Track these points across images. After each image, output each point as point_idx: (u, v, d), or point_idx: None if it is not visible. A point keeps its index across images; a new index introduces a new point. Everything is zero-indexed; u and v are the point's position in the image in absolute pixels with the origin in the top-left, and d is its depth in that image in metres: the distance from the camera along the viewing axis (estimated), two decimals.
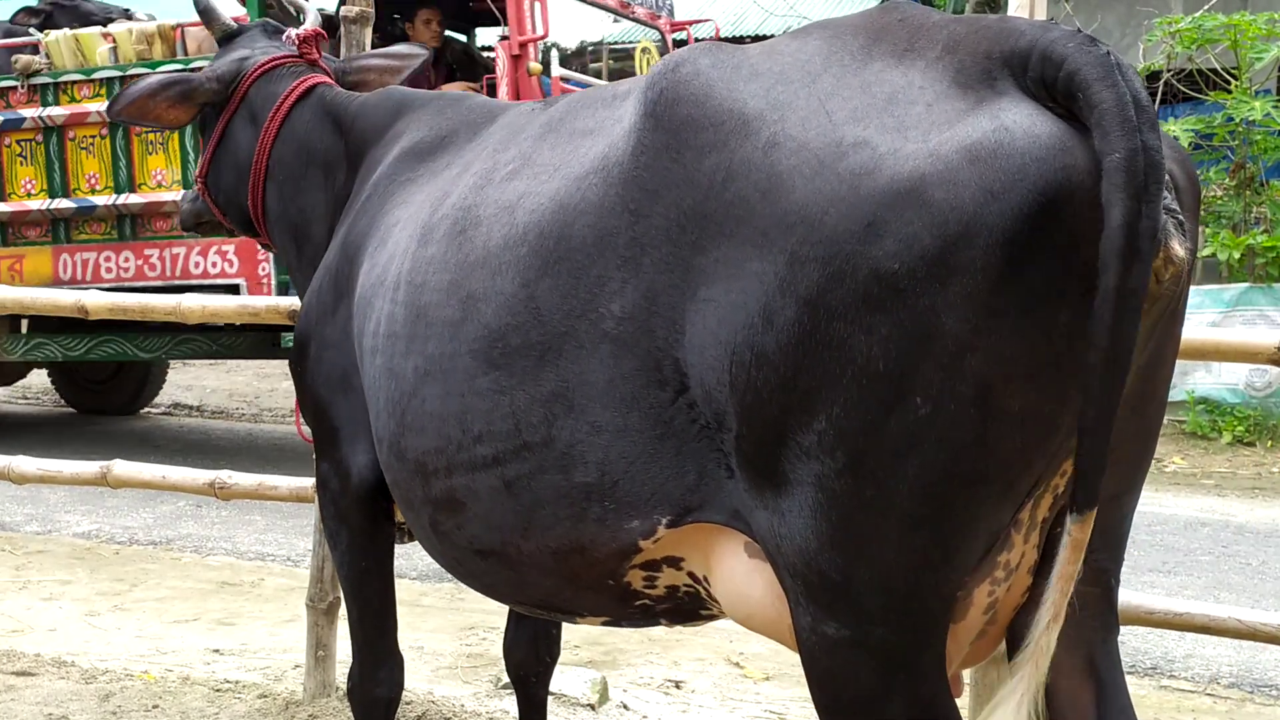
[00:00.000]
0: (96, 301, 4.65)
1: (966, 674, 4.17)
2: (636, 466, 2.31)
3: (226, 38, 3.89)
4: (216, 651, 5.50)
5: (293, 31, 3.85)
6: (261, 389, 12.69)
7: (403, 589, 5.30)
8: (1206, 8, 10.45)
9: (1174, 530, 7.77)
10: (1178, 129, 11.29)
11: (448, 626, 5.86)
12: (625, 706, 4.91)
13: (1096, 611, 2.29)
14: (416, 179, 3.11)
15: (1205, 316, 10.76)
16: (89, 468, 4.81)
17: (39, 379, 13.21)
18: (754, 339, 2.08)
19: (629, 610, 2.59)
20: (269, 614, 6.11)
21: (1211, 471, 9.73)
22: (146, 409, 11.89)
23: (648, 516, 2.34)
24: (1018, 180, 1.90)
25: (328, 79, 3.80)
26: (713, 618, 2.62)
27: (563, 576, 2.54)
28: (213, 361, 13.87)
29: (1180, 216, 1.94)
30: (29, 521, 7.94)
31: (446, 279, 2.61)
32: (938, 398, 1.97)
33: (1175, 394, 10.77)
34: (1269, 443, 10.33)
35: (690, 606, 2.56)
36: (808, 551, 2.11)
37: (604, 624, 2.73)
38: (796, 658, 5.70)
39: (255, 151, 3.66)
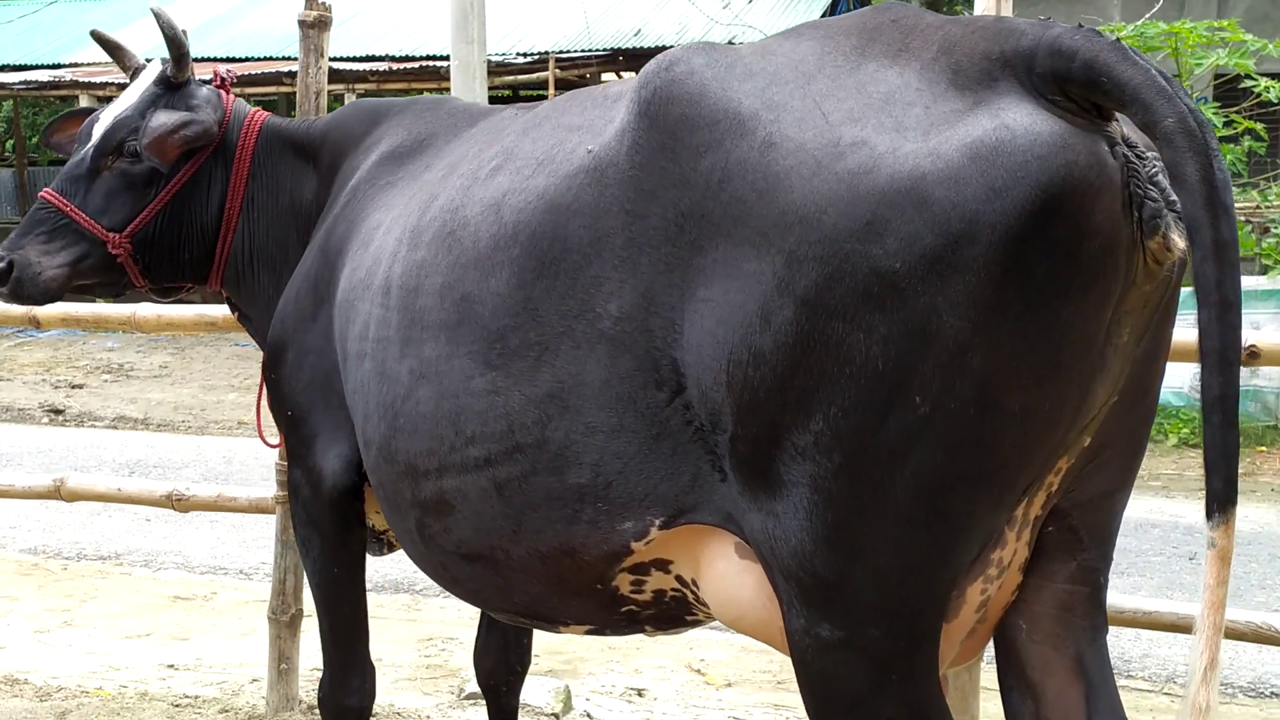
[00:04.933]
0: (48, 312, 4.54)
1: (951, 673, 4.18)
2: (631, 467, 2.29)
3: (187, 82, 3.54)
4: (171, 667, 5.40)
5: (221, 68, 3.74)
6: (208, 401, 12.50)
7: None
8: (1148, 16, 10.54)
9: (1125, 531, 7.68)
10: None
11: (405, 638, 5.80)
12: (589, 716, 4.88)
13: (1085, 611, 2.29)
14: (396, 182, 3.07)
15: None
16: (41, 481, 4.70)
17: None
18: (751, 338, 2.06)
19: (614, 616, 2.57)
20: (224, 628, 6.01)
21: (1159, 473, 9.84)
22: (92, 423, 11.70)
23: (641, 518, 2.32)
24: (1020, 177, 1.90)
25: (268, 113, 3.69)
26: (697, 623, 2.61)
27: (551, 581, 2.51)
28: (158, 374, 13.68)
29: (1179, 209, 1.95)
30: None
31: (439, 282, 2.58)
32: (938, 397, 1.96)
33: None
34: None
35: (676, 611, 2.54)
36: (802, 553, 2.10)
37: (587, 633, 2.70)
38: (757, 664, 5.70)
39: (228, 192, 3.51)
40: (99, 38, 3.65)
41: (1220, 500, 1.90)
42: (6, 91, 18.42)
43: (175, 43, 3.46)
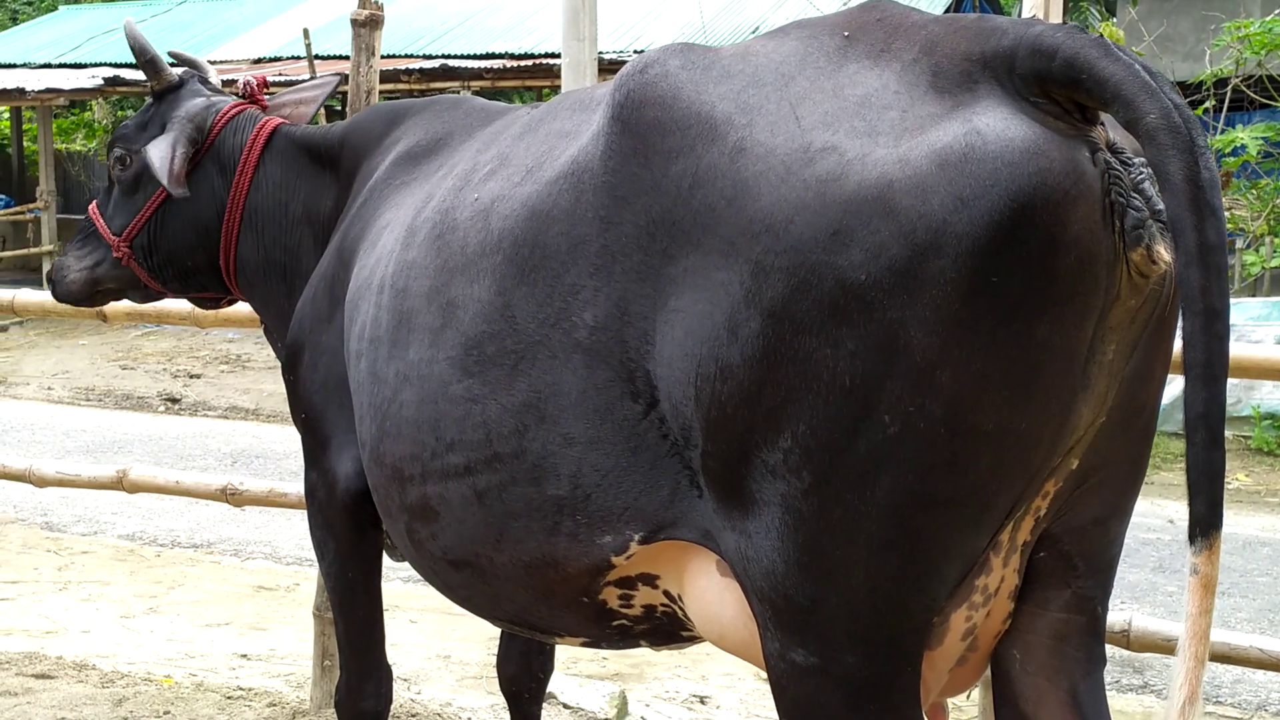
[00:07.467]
0: (114, 308, 4.54)
1: (972, 695, 4.03)
2: (609, 480, 2.24)
3: (170, 89, 3.62)
4: (244, 656, 5.49)
5: (241, 78, 3.77)
6: None
7: (433, 595, 5.26)
8: (1277, 12, 10.11)
9: (1231, 550, 7.51)
10: (1247, 137, 10.99)
11: (475, 635, 5.80)
12: None
13: (1081, 642, 2.17)
14: (410, 182, 3.05)
15: (1273, 330, 10.45)
16: (106, 471, 4.81)
17: (113, 382, 13.38)
18: (719, 351, 2.00)
19: (607, 630, 2.51)
20: (301, 619, 6.08)
21: (1277, 489, 9.45)
22: (205, 413, 11.98)
23: (620, 532, 2.26)
24: (989, 186, 1.80)
25: (283, 121, 3.68)
26: (695, 640, 2.53)
27: (537, 592, 2.47)
28: (272, 366, 13.97)
29: (1165, 219, 1.83)
30: (76, 523, 8.01)
31: (427, 285, 2.55)
32: (907, 416, 1.87)
33: (1241, 409, 10.47)
34: None
35: (669, 627, 2.47)
36: (774, 575, 2.02)
37: (584, 644, 2.65)
38: None
39: (228, 202, 3.53)
40: (137, 48, 3.68)
41: (1204, 524, 1.79)
42: (141, 89, 18.98)
43: (140, 52, 3.53)
